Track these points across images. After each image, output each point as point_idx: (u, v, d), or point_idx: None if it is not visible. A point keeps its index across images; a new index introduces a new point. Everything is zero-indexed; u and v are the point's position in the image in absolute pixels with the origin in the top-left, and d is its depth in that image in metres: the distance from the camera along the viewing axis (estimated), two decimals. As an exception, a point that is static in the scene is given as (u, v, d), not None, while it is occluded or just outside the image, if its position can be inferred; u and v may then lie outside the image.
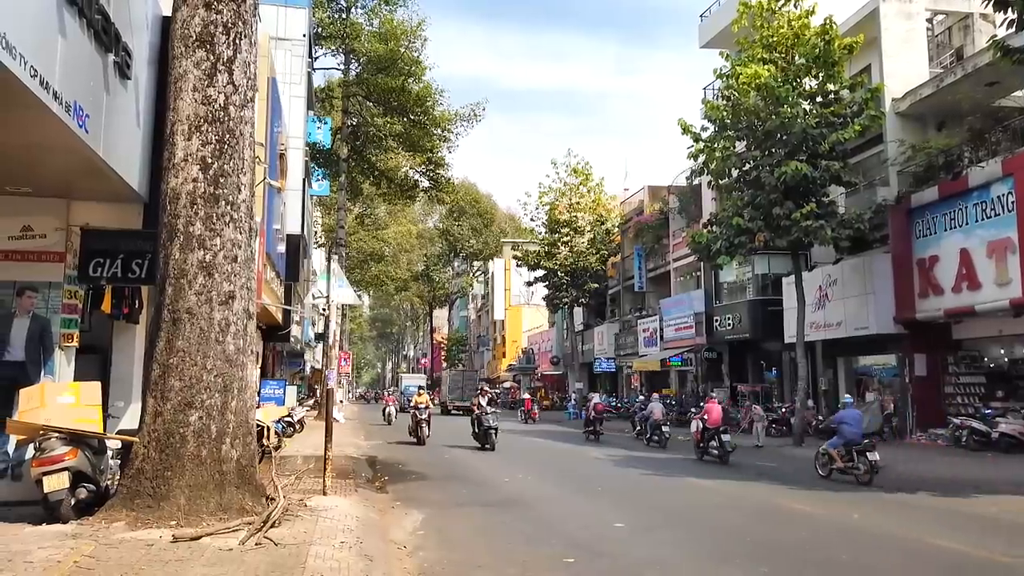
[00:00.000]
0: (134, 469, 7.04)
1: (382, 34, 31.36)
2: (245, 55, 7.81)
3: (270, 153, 16.49)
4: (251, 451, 7.63)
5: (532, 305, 61.05)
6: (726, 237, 21.05)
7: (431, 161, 34.53)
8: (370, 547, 6.77)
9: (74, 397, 7.49)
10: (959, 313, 19.30)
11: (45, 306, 8.55)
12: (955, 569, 7.29)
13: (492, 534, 8.54)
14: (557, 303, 42.11)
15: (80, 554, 5.70)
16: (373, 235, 51.52)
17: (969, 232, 18.76)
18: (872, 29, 21.94)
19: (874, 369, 23.33)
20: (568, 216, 40.06)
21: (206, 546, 6.07)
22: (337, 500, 9.09)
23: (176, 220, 7.39)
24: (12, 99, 5.77)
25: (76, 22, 6.48)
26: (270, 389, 20.37)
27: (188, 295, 7.29)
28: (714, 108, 21.11)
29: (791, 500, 11.22)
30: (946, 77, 20.11)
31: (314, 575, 5.50)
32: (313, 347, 41.27)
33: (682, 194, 32.96)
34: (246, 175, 7.81)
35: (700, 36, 30.83)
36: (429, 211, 69.41)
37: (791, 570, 7.05)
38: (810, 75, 20.15)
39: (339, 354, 36.15)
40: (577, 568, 6.91)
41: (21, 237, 8.61)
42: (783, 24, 20.26)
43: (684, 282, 34.48)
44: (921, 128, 21.75)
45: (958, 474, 14.12)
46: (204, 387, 7.19)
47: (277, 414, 16.89)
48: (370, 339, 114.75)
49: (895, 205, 21.00)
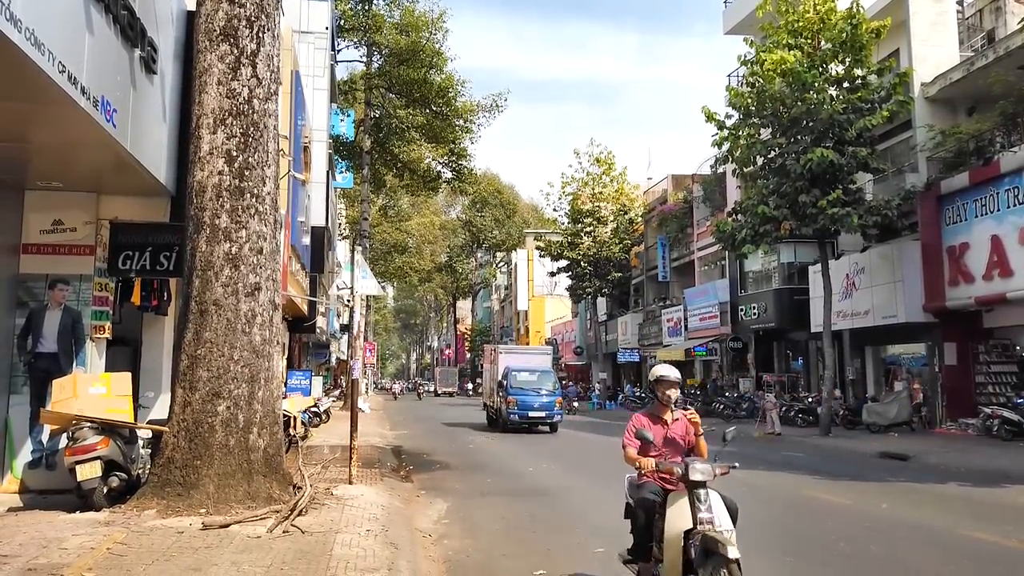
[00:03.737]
0: (164, 458, 7.16)
1: (403, 25, 31.41)
2: (268, 48, 7.86)
3: (294, 146, 16.59)
4: (278, 440, 7.73)
5: (555, 295, 60.89)
6: (751, 226, 20.85)
7: (453, 152, 34.59)
8: (395, 535, 6.83)
9: (105, 388, 7.64)
10: (990, 301, 18.97)
11: (76, 299, 8.70)
12: (986, 559, 7.19)
13: (516, 523, 8.58)
14: (580, 293, 42.03)
15: (113, 541, 5.82)
16: (396, 227, 51.78)
17: (1001, 219, 18.41)
18: (900, 12, 21.53)
19: (903, 358, 23.02)
20: (591, 206, 39.91)
21: (235, 534, 6.16)
22: (363, 489, 9.17)
23: (202, 213, 7.48)
24: (41, 95, 5.86)
25: (102, 18, 6.56)
26: (296, 380, 20.55)
27: (215, 287, 7.38)
28: (739, 95, 20.88)
29: (818, 490, 11.14)
30: (977, 60, 19.69)
31: (340, 562, 5.56)
32: (338, 338, 41.63)
33: (706, 183, 32.66)
34: (271, 168, 7.88)
35: (724, 22, 30.47)
36: (452, 202, 69.58)
37: (818, 560, 7.00)
38: (836, 60, 19.84)
39: (364, 345, 36.41)
40: (602, 557, 6.91)
41: (52, 231, 8.76)
42: (809, 8, 19.95)
43: (708, 271, 34.22)
44: (951, 113, 21.34)
45: (989, 464, 13.92)
46: (231, 377, 7.29)
47: (303, 404, 17.08)
48: (394, 330, 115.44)
49: (924, 192, 20.65)
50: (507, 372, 22.63)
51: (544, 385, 22.54)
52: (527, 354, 26.01)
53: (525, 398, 21.62)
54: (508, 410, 21.64)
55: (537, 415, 21.62)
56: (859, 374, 24.34)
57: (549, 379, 23.21)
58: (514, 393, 21.72)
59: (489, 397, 25.14)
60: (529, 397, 21.85)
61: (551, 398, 22.16)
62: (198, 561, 5.38)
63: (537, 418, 21.65)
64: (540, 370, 23.35)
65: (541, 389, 22.23)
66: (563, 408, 22.37)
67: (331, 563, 5.52)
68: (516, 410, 21.50)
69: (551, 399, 22.13)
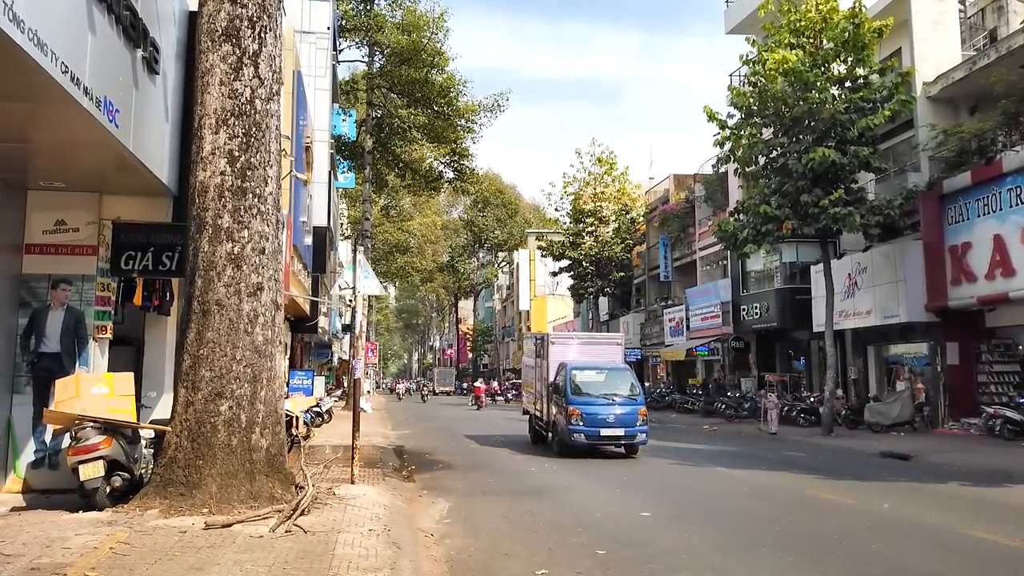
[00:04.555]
0: (167, 458, 7.17)
1: (405, 25, 31.44)
2: (270, 48, 7.88)
3: (296, 146, 16.61)
4: (280, 440, 7.74)
5: (557, 295, 60.90)
6: (753, 225, 20.83)
7: (455, 152, 34.62)
8: (398, 535, 6.84)
9: (108, 387, 7.65)
10: (992, 300, 18.95)
11: (79, 299, 8.71)
12: (988, 559, 7.18)
13: (518, 523, 8.57)
14: (582, 293, 42.02)
15: (115, 541, 5.83)
16: (398, 227, 51.78)
17: (1003, 218, 18.39)
18: (902, 12, 21.51)
19: (905, 358, 23.00)
20: (593, 206, 39.91)
21: (237, 533, 6.17)
22: (365, 489, 9.18)
23: (205, 213, 7.50)
24: (44, 95, 5.87)
25: (105, 18, 6.57)
26: (298, 379, 20.59)
27: (217, 287, 7.39)
28: (740, 95, 20.87)
29: (820, 490, 11.12)
30: (979, 60, 19.67)
31: (343, 562, 5.57)
32: (340, 338, 41.63)
33: (708, 182, 32.65)
34: (273, 168, 7.89)
35: (726, 22, 30.46)
36: (453, 202, 69.62)
37: (819, 559, 6.99)
38: (839, 59, 19.83)
39: (366, 345, 36.42)
40: (605, 557, 6.92)
41: (55, 231, 8.78)
42: (811, 8, 19.94)
43: (710, 271, 34.21)
44: (953, 112, 21.32)
45: (991, 463, 13.90)
46: (234, 377, 7.30)
47: (305, 404, 17.09)
48: (396, 330, 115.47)
49: (926, 191, 20.63)
50: (564, 370, 16.23)
51: (619, 388, 15.96)
52: (590, 344, 18.66)
53: (594, 409, 15.26)
54: (569, 426, 15.22)
55: (612, 433, 15.21)
56: (861, 374, 24.32)
57: (626, 379, 16.40)
58: (579, 403, 15.36)
59: (534, 403, 18.68)
60: (600, 407, 15.34)
61: (632, 408, 15.52)
62: (201, 561, 5.39)
63: (612, 438, 15.31)
64: (611, 367, 16.76)
65: (615, 395, 15.70)
66: (646, 422, 15.57)
67: (333, 563, 5.53)
68: (582, 426, 15.11)
69: (632, 410, 15.49)
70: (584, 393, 15.64)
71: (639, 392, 16.22)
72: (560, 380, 16.15)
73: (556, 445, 16.08)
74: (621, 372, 16.79)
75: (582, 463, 14.40)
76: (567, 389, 15.70)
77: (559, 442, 15.88)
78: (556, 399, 16.20)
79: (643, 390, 18.24)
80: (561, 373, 16.32)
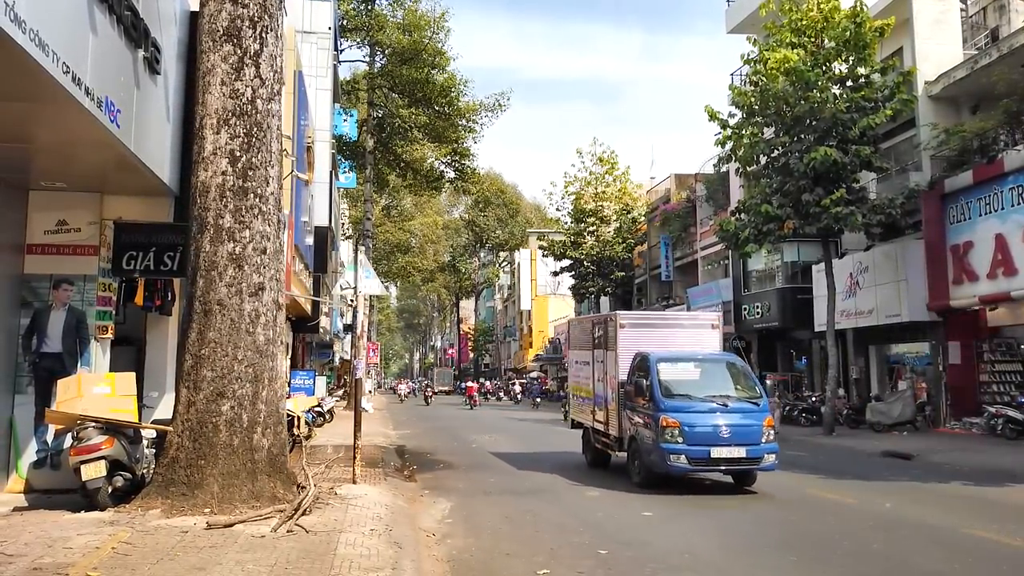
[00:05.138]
0: (168, 458, 7.18)
1: (406, 25, 31.43)
2: (271, 48, 7.88)
3: (297, 146, 16.62)
4: (282, 440, 7.75)
5: (558, 295, 60.95)
6: (754, 225, 20.82)
7: (456, 152, 34.60)
8: (399, 535, 6.84)
9: (110, 387, 7.66)
10: (994, 300, 18.93)
11: (80, 299, 8.72)
12: (990, 558, 7.18)
13: (520, 522, 8.57)
14: (583, 293, 42.00)
15: (117, 540, 5.84)
16: (399, 226, 51.78)
17: (1005, 217, 18.37)
18: (904, 11, 21.49)
19: (907, 357, 22.98)
20: (594, 205, 39.90)
21: (239, 533, 6.18)
22: (366, 488, 9.18)
23: (206, 213, 7.50)
24: (45, 95, 5.88)
25: (106, 19, 6.57)
26: (300, 379, 20.60)
27: (219, 287, 7.40)
28: (742, 94, 20.86)
29: (821, 489, 11.12)
30: (981, 59, 19.65)
31: (344, 562, 5.57)
32: (342, 338, 41.67)
33: (709, 182, 32.63)
34: (274, 168, 7.90)
35: (727, 21, 30.43)
36: (455, 202, 69.58)
37: (821, 558, 6.99)
38: (840, 59, 19.80)
39: (367, 345, 36.46)
40: (606, 558, 6.91)
41: (57, 231, 8.79)
42: (812, 7, 19.93)
43: (711, 271, 34.18)
44: (955, 111, 21.29)
45: (993, 463, 13.89)
46: (235, 377, 7.31)
47: (307, 404, 17.10)
48: (398, 330, 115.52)
49: (928, 190, 20.61)
50: (646, 364, 11.50)
51: (728, 387, 11.45)
52: (674, 328, 13.49)
53: (699, 418, 10.66)
54: (662, 444, 10.55)
55: (728, 454, 10.53)
56: (863, 373, 24.30)
57: (736, 374, 11.84)
58: (676, 410, 10.73)
59: (591, 412, 13.57)
60: (707, 416, 10.74)
61: (753, 416, 10.86)
62: (202, 560, 5.40)
63: (728, 460, 10.61)
64: (714, 357, 12.29)
65: (725, 397, 11.12)
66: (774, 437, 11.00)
67: (335, 562, 5.53)
68: (681, 444, 10.47)
69: (754, 419, 10.83)
70: (679, 395, 10.99)
71: (760, 393, 11.34)
72: (641, 378, 11.41)
73: (638, 471, 11.26)
74: (727, 364, 12.09)
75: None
76: (655, 390, 10.97)
77: (643, 467, 11.08)
78: (635, 405, 11.53)
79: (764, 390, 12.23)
80: (642, 368, 11.56)
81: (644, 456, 11.12)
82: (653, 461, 10.86)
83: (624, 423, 12.00)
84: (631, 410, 11.74)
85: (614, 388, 12.41)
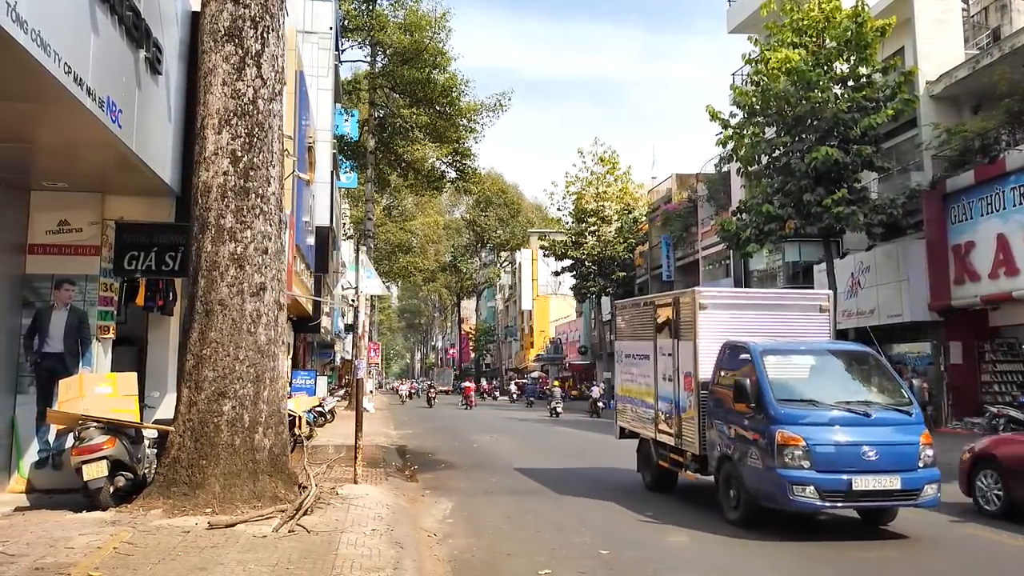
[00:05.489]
0: (170, 458, 7.18)
1: (407, 25, 31.46)
2: (273, 49, 7.88)
3: (299, 146, 16.62)
4: (283, 440, 7.75)
5: (559, 295, 60.95)
6: (756, 225, 20.81)
7: (457, 152, 34.63)
8: (400, 534, 6.84)
9: (111, 387, 7.66)
10: (996, 300, 18.92)
11: (82, 299, 8.73)
12: (992, 558, 7.18)
13: (521, 523, 8.57)
14: (584, 293, 41.98)
15: (119, 540, 5.84)
16: (400, 226, 51.82)
17: (1006, 217, 18.35)
18: (905, 11, 21.47)
19: (908, 357, 22.94)
20: (595, 205, 39.88)
21: (240, 533, 6.18)
22: (368, 488, 9.19)
23: (207, 213, 7.50)
24: (47, 95, 5.88)
25: (108, 19, 6.58)
26: (301, 379, 20.59)
27: (220, 287, 7.40)
28: (743, 94, 20.85)
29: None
30: (982, 58, 19.63)
31: (346, 562, 5.57)
32: (343, 338, 41.69)
33: (710, 182, 32.61)
34: (275, 168, 7.90)
35: (728, 21, 30.41)
36: (456, 202, 69.63)
37: (823, 558, 6.99)
38: (841, 59, 19.79)
39: (368, 345, 36.51)
40: (608, 559, 6.91)
41: (58, 231, 8.80)
42: (813, 7, 19.92)
43: (712, 271, 34.16)
44: (956, 111, 21.27)
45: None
46: (237, 377, 7.31)
47: (308, 404, 17.10)
48: (399, 330, 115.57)
49: (929, 190, 20.59)
50: (743, 357, 8.83)
51: (864, 389, 8.84)
52: (775, 308, 10.19)
53: (833, 434, 7.86)
54: (780, 469, 7.71)
55: (879, 484, 7.68)
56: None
57: (872, 372, 9.15)
58: (797, 419, 7.95)
59: (654, 421, 10.69)
60: (846, 431, 7.89)
61: (908, 431, 8.06)
62: (204, 560, 5.40)
63: (879, 493, 7.73)
64: (840, 349, 9.72)
65: (865, 402, 8.33)
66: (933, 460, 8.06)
67: (336, 562, 5.53)
68: (809, 471, 7.65)
69: (909, 434, 8.02)
70: (800, 401, 8.17)
71: (909, 398, 8.48)
72: (741, 377, 8.42)
73: (735, 504, 8.40)
74: (859, 357, 9.30)
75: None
76: (764, 393, 8.09)
77: (746, 500, 8.18)
78: (729, 413, 8.63)
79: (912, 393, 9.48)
80: (736, 364, 8.76)
81: (748, 484, 8.08)
82: (764, 492, 7.85)
83: (710, 437, 9.00)
84: (723, 420, 8.74)
85: (690, 389, 9.45)
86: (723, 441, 8.75)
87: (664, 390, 10.34)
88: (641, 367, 11.25)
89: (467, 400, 38.92)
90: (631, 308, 12.26)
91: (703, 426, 9.21)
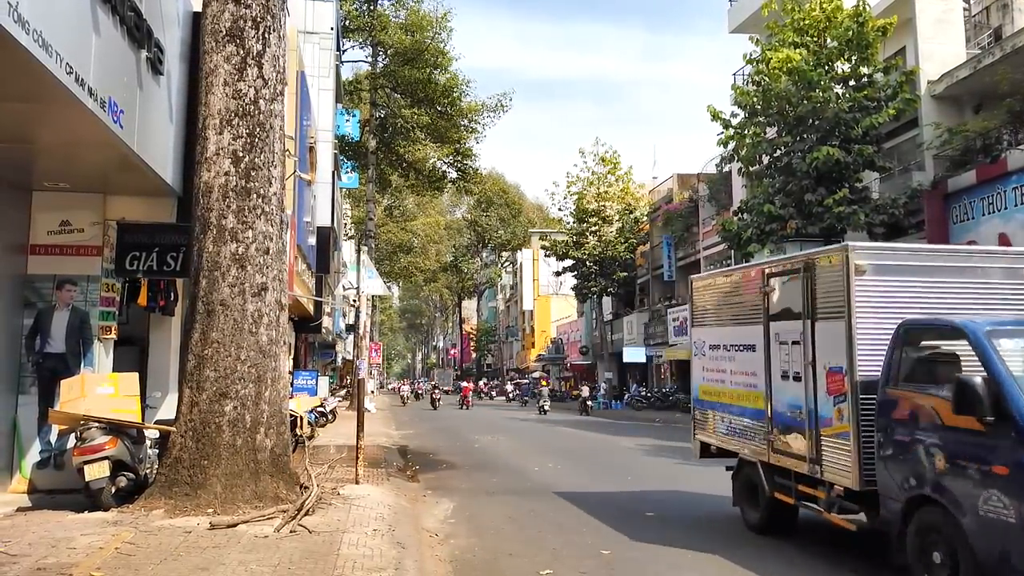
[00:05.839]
0: (172, 458, 7.18)
1: (408, 26, 31.49)
2: (274, 49, 7.89)
3: (300, 146, 16.63)
4: (285, 440, 7.75)
5: (561, 295, 60.95)
6: (757, 225, 20.79)
7: (458, 152, 34.66)
8: (402, 535, 6.84)
9: (113, 388, 7.67)
10: (998, 300, 18.89)
11: (84, 299, 8.74)
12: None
13: (523, 523, 8.57)
14: (586, 293, 41.97)
15: (121, 540, 5.84)
16: (402, 227, 51.87)
17: (1008, 217, 18.33)
18: (906, 10, 21.45)
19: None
20: (596, 205, 39.88)
21: (242, 533, 6.18)
22: (369, 488, 9.19)
23: (209, 213, 7.51)
24: (48, 96, 5.89)
25: (109, 19, 6.58)
26: (302, 380, 20.56)
27: (222, 287, 7.40)
28: (744, 94, 20.84)
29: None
30: (984, 58, 19.61)
31: (347, 562, 5.57)
32: (344, 338, 41.69)
33: (712, 182, 32.60)
34: (276, 168, 7.90)
35: (729, 21, 30.38)
36: (457, 202, 69.64)
37: (824, 557, 6.98)
38: (842, 58, 19.78)
39: (369, 345, 36.49)
40: (611, 559, 6.91)
41: (60, 232, 8.81)
42: (814, 7, 19.92)
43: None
44: (958, 111, 21.25)
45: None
46: (238, 377, 7.31)
47: (310, 404, 17.08)
48: (400, 330, 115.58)
49: (931, 190, 20.56)
50: (947, 346, 5.86)
51: None
52: (971, 272, 6.69)
53: None
54: None
55: None
56: (866, 373, 24.20)
57: None
58: None
59: (764, 437, 7.65)
60: None
61: None
62: (206, 560, 5.40)
63: None
64: None
65: None
66: None
67: (338, 562, 5.53)
68: None
69: None
70: None
71: None
72: (964, 376, 5.29)
73: None
74: None
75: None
76: (1012, 399, 5.07)
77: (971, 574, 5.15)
78: (931, 433, 5.64)
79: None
80: (935, 355, 6.06)
81: (978, 547, 5.08)
82: (1017, 561, 4.83)
83: (888, 469, 6.02)
84: (919, 442, 5.73)
85: (838, 391, 6.60)
86: (919, 475, 5.66)
87: (785, 393, 7.40)
88: (740, 361, 8.30)
89: (464, 400, 39.33)
90: (721, 280, 9.07)
91: (862, 448, 6.27)
